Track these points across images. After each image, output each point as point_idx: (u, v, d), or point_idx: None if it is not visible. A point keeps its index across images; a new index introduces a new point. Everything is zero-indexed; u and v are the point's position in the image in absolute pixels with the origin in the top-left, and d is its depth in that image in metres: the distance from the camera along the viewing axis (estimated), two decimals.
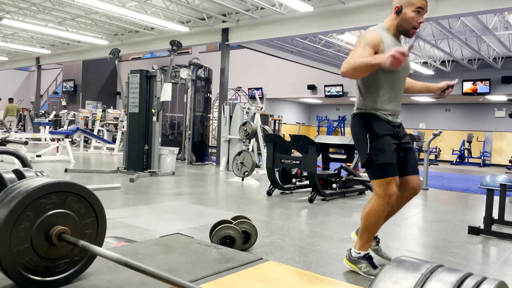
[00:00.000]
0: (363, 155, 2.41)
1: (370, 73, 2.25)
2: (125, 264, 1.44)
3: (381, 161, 2.32)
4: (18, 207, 1.53)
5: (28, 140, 5.71)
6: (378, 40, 2.28)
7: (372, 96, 2.38)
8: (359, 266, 2.40)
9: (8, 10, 10.75)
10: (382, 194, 2.33)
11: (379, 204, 2.34)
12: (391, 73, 2.35)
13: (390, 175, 2.33)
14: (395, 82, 2.41)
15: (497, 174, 7.47)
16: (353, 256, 2.43)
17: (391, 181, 2.33)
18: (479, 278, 0.91)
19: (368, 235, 2.41)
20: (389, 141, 2.36)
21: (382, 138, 2.35)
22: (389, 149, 2.35)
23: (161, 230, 3.21)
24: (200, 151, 9.63)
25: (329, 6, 8.57)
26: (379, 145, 2.34)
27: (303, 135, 5.43)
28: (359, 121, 2.43)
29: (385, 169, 2.33)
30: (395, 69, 2.08)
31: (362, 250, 2.42)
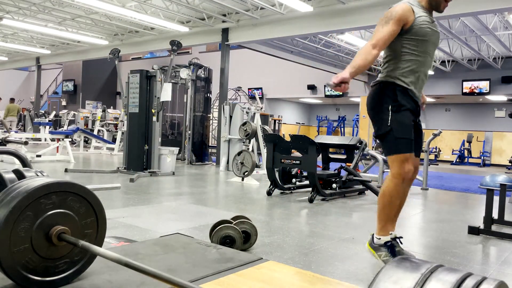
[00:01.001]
0: (381, 126, 2.34)
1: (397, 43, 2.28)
2: (125, 264, 1.44)
3: (401, 135, 2.28)
4: (18, 207, 1.53)
5: (28, 140, 5.70)
6: (409, 11, 2.26)
7: (399, 66, 2.34)
8: (379, 253, 2.37)
9: (8, 10, 10.75)
10: (398, 171, 2.30)
11: (395, 182, 2.32)
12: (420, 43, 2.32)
13: (407, 151, 2.29)
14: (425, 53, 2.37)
15: (497, 174, 7.48)
16: (375, 242, 2.40)
17: (408, 157, 2.29)
18: (479, 278, 0.91)
19: (386, 216, 2.38)
20: (410, 117, 2.33)
21: (404, 112, 2.30)
22: (410, 124, 2.32)
23: (161, 230, 3.21)
24: (200, 151, 9.63)
25: (329, 6, 8.57)
26: (400, 118, 2.29)
27: (303, 135, 5.43)
28: (383, 90, 2.37)
29: (404, 144, 2.29)
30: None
31: (381, 235, 2.39)
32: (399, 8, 2.27)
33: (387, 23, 2.23)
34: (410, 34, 2.29)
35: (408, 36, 2.29)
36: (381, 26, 2.25)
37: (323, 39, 11.43)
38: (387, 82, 2.35)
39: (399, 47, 2.31)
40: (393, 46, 2.34)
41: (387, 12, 2.30)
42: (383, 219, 2.39)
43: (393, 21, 2.22)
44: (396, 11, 2.25)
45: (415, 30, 2.28)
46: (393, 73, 2.35)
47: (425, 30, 2.30)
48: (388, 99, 2.32)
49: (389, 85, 2.34)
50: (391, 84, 2.34)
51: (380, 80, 2.39)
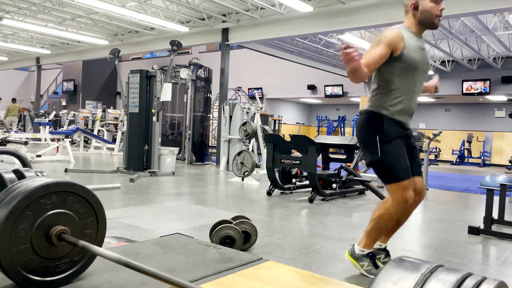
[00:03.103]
0: (372, 157, 2.33)
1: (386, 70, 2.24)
2: (125, 264, 1.44)
3: (394, 164, 2.27)
4: (18, 207, 1.53)
5: (28, 140, 5.70)
6: (398, 37, 2.24)
7: (387, 95, 2.31)
8: (361, 263, 2.37)
9: (8, 10, 10.75)
10: (399, 199, 2.27)
11: (396, 208, 2.29)
12: (409, 71, 2.29)
13: (405, 178, 2.27)
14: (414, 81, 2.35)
15: (497, 174, 7.48)
16: (357, 253, 2.39)
17: (406, 185, 2.27)
18: (479, 278, 0.91)
19: (376, 235, 2.38)
20: (401, 144, 2.31)
21: (393, 141, 2.28)
22: (401, 152, 2.30)
23: (161, 230, 3.21)
24: (200, 151, 9.63)
25: (329, 6, 8.57)
26: (391, 149, 2.28)
27: (303, 135, 5.43)
28: (369, 120, 2.35)
29: (400, 172, 2.27)
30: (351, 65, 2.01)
31: (366, 249, 2.38)
32: (389, 33, 2.25)
33: (378, 45, 2.21)
34: (399, 61, 2.26)
35: (396, 63, 2.26)
36: (372, 48, 2.23)
37: (323, 39, 11.43)
38: (375, 112, 2.33)
39: (388, 74, 2.28)
40: (382, 72, 2.31)
41: (378, 36, 2.28)
42: (372, 237, 2.38)
43: (383, 44, 2.20)
44: (385, 36, 2.23)
45: (404, 57, 2.25)
46: (381, 103, 2.32)
47: (413, 58, 2.28)
48: (375, 130, 2.30)
49: (376, 114, 2.32)
50: (379, 114, 2.32)
51: (367, 110, 2.37)
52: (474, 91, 14.13)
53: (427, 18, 2.31)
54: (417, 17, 2.33)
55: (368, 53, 2.21)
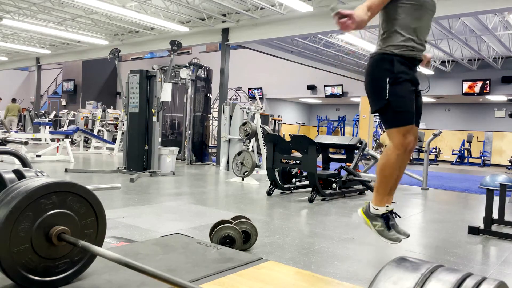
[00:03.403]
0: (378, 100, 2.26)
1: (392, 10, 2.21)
2: (125, 264, 1.44)
3: (401, 108, 2.22)
4: (18, 207, 1.53)
5: (28, 140, 5.70)
6: None
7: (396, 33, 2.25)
8: (374, 223, 2.34)
9: (8, 10, 10.75)
10: (400, 142, 2.24)
11: (397, 154, 2.26)
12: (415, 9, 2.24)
13: (409, 123, 2.24)
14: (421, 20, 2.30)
15: (497, 174, 7.48)
16: (371, 211, 2.36)
17: (409, 129, 2.24)
18: (479, 278, 0.91)
19: (384, 187, 2.35)
20: (410, 88, 2.26)
21: (403, 84, 2.22)
22: (410, 96, 2.25)
23: (161, 230, 3.21)
24: (200, 151, 9.63)
25: (329, 6, 8.56)
26: (399, 91, 2.22)
27: (303, 135, 5.43)
28: (379, 63, 2.29)
29: (405, 117, 2.23)
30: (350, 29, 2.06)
31: (379, 206, 2.36)
32: None
33: None
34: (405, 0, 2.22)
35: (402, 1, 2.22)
36: None
37: (323, 39, 11.43)
38: (384, 53, 2.27)
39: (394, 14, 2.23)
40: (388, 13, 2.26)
41: None
42: (382, 191, 2.34)
43: None
44: None
45: None
46: (390, 43, 2.27)
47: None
48: (385, 71, 2.24)
49: (386, 56, 2.25)
50: (388, 54, 2.26)
51: (377, 52, 2.32)
52: (474, 91, 14.12)
53: None
54: None
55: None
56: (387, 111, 2.26)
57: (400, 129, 2.24)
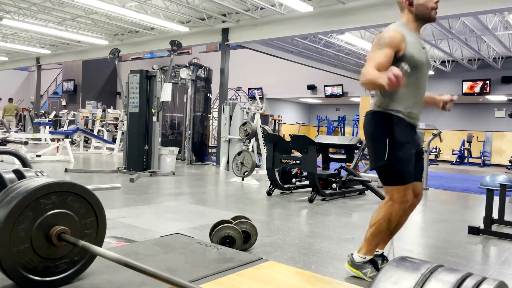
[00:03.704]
0: (377, 159, 2.24)
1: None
2: (125, 264, 1.44)
3: (401, 169, 2.21)
4: (18, 207, 1.53)
5: (28, 140, 5.70)
6: (400, 37, 2.16)
7: (398, 94, 2.21)
8: (364, 271, 2.31)
9: (8, 10, 10.75)
10: (400, 200, 2.23)
11: (395, 210, 2.24)
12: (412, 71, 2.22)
13: (408, 182, 2.23)
14: (420, 80, 2.28)
15: (497, 174, 7.48)
16: (357, 261, 2.33)
17: (408, 187, 2.24)
18: (479, 278, 0.91)
19: (377, 240, 2.33)
20: (411, 151, 2.25)
21: (404, 147, 2.20)
22: (410, 159, 2.25)
23: (161, 230, 3.21)
24: (200, 151, 9.63)
25: (329, 6, 8.57)
26: (400, 154, 2.20)
27: (303, 135, 5.43)
28: (379, 122, 2.24)
29: (405, 176, 2.22)
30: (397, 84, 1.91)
31: (368, 255, 2.33)
32: (391, 32, 2.18)
33: (382, 48, 2.13)
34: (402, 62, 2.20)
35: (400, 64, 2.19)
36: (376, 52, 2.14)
37: (323, 39, 11.43)
38: (385, 113, 2.23)
39: None
40: None
41: (379, 37, 2.20)
42: (374, 243, 2.32)
43: (388, 47, 2.13)
44: (388, 36, 2.16)
45: (407, 57, 2.19)
46: (390, 105, 2.23)
47: (417, 57, 2.22)
48: (385, 133, 2.20)
49: (386, 116, 2.22)
50: (389, 115, 2.22)
51: (375, 110, 2.27)
52: (474, 91, 14.12)
53: (423, 12, 2.26)
54: (413, 12, 2.27)
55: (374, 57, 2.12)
56: (386, 171, 2.25)
57: (399, 187, 2.23)
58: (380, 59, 2.11)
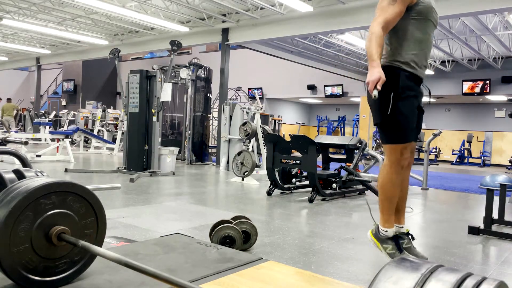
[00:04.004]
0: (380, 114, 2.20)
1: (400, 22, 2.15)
2: (125, 264, 1.44)
3: (403, 126, 2.18)
4: (18, 207, 1.53)
5: (28, 140, 5.70)
6: None
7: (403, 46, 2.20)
8: (385, 246, 2.29)
9: (8, 10, 10.75)
10: (396, 159, 2.22)
11: (393, 170, 2.24)
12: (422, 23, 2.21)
13: (408, 141, 2.21)
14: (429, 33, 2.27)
15: (497, 174, 7.48)
16: (381, 234, 2.31)
17: (407, 146, 2.22)
18: (479, 278, 0.91)
19: (388, 207, 2.30)
20: (414, 104, 2.23)
21: (408, 100, 2.18)
22: (413, 114, 2.22)
23: (161, 230, 3.21)
24: (200, 151, 9.63)
25: (329, 6, 8.57)
26: (403, 108, 2.17)
27: (303, 135, 5.43)
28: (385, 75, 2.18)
29: (405, 134, 2.20)
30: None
31: (387, 227, 2.31)
32: None
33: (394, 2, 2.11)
34: (414, 12, 2.18)
35: (411, 15, 2.18)
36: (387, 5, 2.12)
37: (323, 39, 11.43)
38: (391, 67, 2.20)
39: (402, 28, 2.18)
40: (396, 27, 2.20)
41: None
42: (386, 211, 2.30)
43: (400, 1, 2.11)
44: None
45: (419, 8, 2.17)
46: (397, 57, 2.22)
47: (428, 9, 2.20)
48: (390, 86, 2.15)
49: (392, 69, 2.19)
50: (395, 68, 2.20)
51: (382, 65, 2.22)
52: (474, 91, 14.12)
53: None
54: None
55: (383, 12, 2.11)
56: (388, 127, 2.22)
57: (398, 145, 2.22)
58: (389, 16, 2.11)
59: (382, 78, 1.96)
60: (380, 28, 2.07)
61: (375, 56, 2.03)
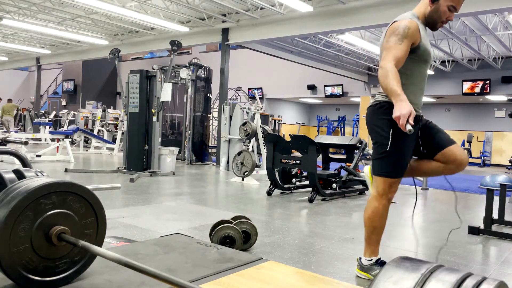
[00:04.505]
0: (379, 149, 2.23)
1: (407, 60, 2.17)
2: (125, 264, 1.44)
3: (399, 162, 2.22)
4: (18, 207, 1.53)
5: (28, 140, 5.70)
6: (416, 29, 2.16)
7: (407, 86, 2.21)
8: (373, 273, 2.29)
9: (8, 10, 10.75)
10: (384, 191, 2.24)
11: (382, 203, 2.26)
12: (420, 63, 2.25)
13: (399, 176, 2.24)
14: (425, 73, 2.31)
15: (497, 174, 7.48)
16: (365, 264, 2.32)
17: (396, 182, 2.25)
18: (479, 278, 0.91)
19: (376, 238, 2.32)
20: (412, 141, 2.26)
21: (406, 137, 2.19)
22: (410, 151, 2.26)
23: (161, 230, 3.21)
24: (200, 151, 9.63)
25: (329, 6, 8.57)
26: (401, 145, 2.20)
27: (303, 135, 5.43)
28: (384, 111, 2.23)
29: (400, 169, 2.23)
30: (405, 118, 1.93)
31: (373, 256, 2.32)
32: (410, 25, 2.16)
33: (401, 41, 2.13)
34: (415, 54, 2.21)
35: (412, 56, 2.21)
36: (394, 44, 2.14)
37: (323, 39, 11.42)
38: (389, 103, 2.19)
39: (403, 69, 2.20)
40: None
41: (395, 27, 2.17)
42: (373, 242, 2.32)
43: (407, 40, 2.13)
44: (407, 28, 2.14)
45: (420, 51, 2.21)
46: None
47: (427, 51, 2.24)
48: (388, 122, 2.19)
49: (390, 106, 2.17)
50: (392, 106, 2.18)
51: (382, 100, 2.26)
52: (474, 91, 14.12)
53: (435, 17, 2.26)
54: (428, 10, 2.26)
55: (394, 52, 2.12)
56: (384, 161, 2.24)
57: (388, 179, 2.24)
58: (399, 54, 2.12)
59: (412, 112, 1.94)
60: (392, 65, 2.08)
61: (398, 91, 2.01)
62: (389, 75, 2.06)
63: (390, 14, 7.66)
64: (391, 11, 7.66)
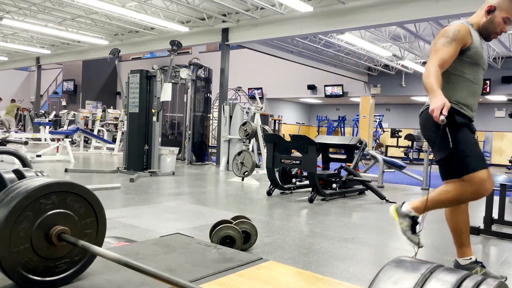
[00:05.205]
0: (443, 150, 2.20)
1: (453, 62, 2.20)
2: (125, 264, 1.44)
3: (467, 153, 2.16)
4: (18, 207, 1.53)
5: (28, 140, 5.70)
6: (467, 32, 2.21)
7: (456, 86, 2.25)
8: (401, 220, 2.30)
9: (8, 10, 10.75)
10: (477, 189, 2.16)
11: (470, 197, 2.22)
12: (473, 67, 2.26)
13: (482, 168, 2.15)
14: (479, 76, 2.32)
15: (497, 174, 7.48)
16: (403, 210, 2.31)
17: (486, 174, 2.15)
18: (479, 278, 0.91)
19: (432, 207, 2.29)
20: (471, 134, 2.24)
21: (463, 129, 2.20)
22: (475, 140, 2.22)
23: (161, 230, 3.21)
24: (200, 151, 9.63)
25: (329, 6, 8.57)
26: (462, 137, 2.19)
27: (303, 135, 5.43)
28: None
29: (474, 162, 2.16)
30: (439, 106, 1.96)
31: (416, 212, 2.29)
32: (460, 28, 2.21)
33: (449, 44, 2.16)
34: (465, 56, 2.23)
35: (462, 58, 2.23)
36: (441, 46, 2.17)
37: (323, 39, 11.42)
38: None
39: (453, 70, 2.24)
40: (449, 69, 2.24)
41: (446, 30, 2.23)
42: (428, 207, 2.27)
43: (456, 42, 2.16)
44: (457, 31, 2.19)
45: (470, 53, 2.23)
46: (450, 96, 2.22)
47: (479, 54, 2.26)
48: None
49: None
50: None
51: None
52: None
53: (489, 29, 2.32)
54: (483, 21, 2.34)
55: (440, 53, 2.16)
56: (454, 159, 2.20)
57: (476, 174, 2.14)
58: (445, 56, 2.16)
59: (446, 104, 1.97)
60: (437, 66, 2.12)
61: (435, 87, 2.05)
62: (430, 74, 2.10)
63: (390, 14, 7.65)
64: (391, 11, 7.65)
